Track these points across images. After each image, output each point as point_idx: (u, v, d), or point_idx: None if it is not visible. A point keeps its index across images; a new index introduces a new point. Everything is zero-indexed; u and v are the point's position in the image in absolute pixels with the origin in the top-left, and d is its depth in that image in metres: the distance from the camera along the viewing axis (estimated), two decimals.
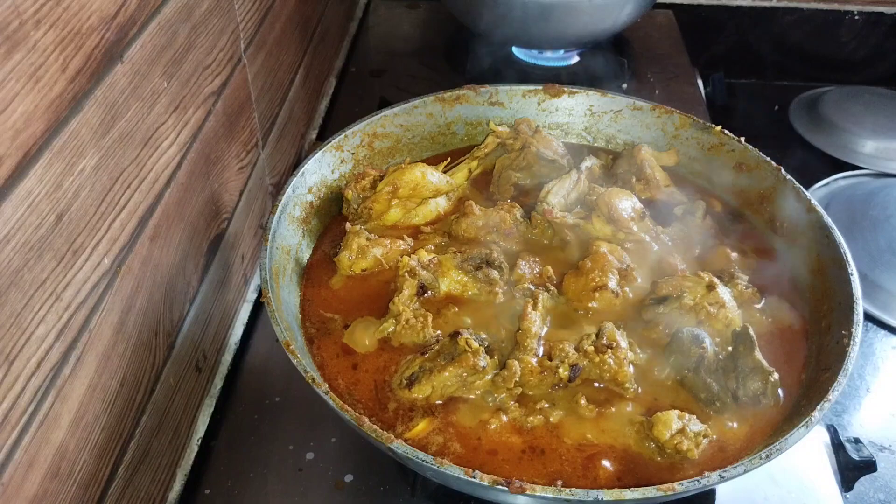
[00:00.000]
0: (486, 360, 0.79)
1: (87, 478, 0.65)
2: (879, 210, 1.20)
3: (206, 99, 0.86)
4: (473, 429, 0.76)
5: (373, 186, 0.99)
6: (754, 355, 0.80)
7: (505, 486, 0.63)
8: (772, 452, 0.67)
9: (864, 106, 1.43)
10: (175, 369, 0.83)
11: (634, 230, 0.96)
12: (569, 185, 1.00)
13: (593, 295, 0.86)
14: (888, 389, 1.00)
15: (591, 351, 0.79)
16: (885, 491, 0.88)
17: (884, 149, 1.34)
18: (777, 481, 0.84)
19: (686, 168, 1.08)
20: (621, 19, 1.42)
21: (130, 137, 0.68)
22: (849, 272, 0.84)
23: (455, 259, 0.90)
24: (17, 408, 0.54)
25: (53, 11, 0.54)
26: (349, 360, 0.83)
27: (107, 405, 0.68)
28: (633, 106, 1.11)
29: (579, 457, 0.75)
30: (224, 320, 0.99)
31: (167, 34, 0.74)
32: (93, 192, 0.62)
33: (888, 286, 1.09)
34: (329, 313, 0.88)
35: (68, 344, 0.60)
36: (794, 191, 0.95)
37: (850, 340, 0.77)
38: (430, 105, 1.09)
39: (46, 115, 0.55)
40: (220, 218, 0.94)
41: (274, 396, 0.93)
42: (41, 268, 0.56)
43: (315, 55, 1.38)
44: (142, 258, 0.73)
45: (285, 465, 0.86)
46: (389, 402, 0.79)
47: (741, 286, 0.89)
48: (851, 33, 1.72)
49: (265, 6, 1.06)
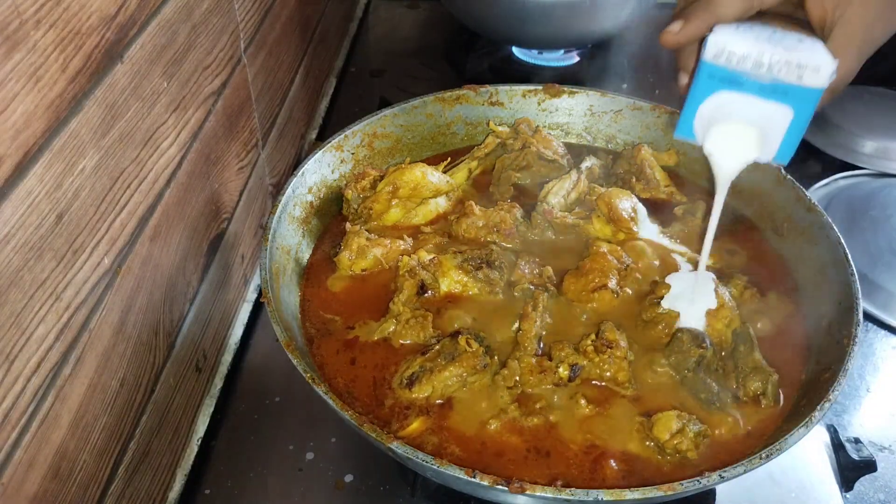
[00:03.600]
0: (486, 360, 0.79)
1: (87, 478, 0.65)
2: (879, 210, 1.20)
3: (206, 99, 0.86)
4: (472, 429, 0.76)
5: (373, 186, 0.99)
6: (754, 355, 0.80)
7: (505, 486, 0.63)
8: (772, 452, 0.67)
9: (864, 106, 1.43)
10: (175, 369, 0.83)
11: (634, 230, 0.96)
12: (569, 185, 1.00)
13: (593, 295, 0.87)
14: (888, 389, 1.00)
15: (591, 351, 0.80)
16: (885, 491, 0.88)
17: (884, 149, 1.34)
18: (777, 481, 0.84)
19: (686, 168, 1.09)
20: (621, 19, 1.42)
21: (130, 137, 0.68)
22: (849, 272, 0.84)
23: (455, 259, 0.90)
24: (17, 408, 0.54)
25: (53, 11, 0.54)
26: (347, 355, 0.83)
27: (107, 405, 0.68)
28: (633, 106, 1.11)
29: (579, 457, 0.75)
30: (224, 320, 0.99)
31: (167, 34, 0.74)
32: (93, 192, 0.62)
33: (888, 286, 1.09)
34: (329, 313, 0.88)
35: (68, 344, 0.60)
36: (793, 191, 0.95)
37: (850, 340, 0.77)
38: (430, 105, 1.09)
39: (46, 115, 0.55)
40: (220, 218, 0.94)
41: (274, 396, 0.93)
42: (41, 268, 0.56)
43: (315, 55, 1.38)
44: (142, 258, 0.73)
45: (285, 465, 0.86)
46: (387, 398, 0.79)
47: (741, 286, 0.89)
48: None
49: (265, 6, 1.06)
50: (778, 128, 0.70)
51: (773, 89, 0.68)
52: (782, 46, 0.68)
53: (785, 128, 0.70)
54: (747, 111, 0.70)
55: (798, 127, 0.70)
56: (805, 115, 0.69)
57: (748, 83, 0.69)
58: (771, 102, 0.69)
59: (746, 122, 0.71)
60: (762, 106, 0.70)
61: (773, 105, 0.69)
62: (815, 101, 0.68)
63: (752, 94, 0.69)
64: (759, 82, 0.68)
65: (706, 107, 0.72)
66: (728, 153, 0.74)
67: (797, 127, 0.70)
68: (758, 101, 0.70)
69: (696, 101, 0.72)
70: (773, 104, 0.69)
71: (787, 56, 0.67)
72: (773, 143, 0.72)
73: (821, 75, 0.67)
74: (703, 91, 0.71)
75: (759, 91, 0.69)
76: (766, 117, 0.70)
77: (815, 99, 0.68)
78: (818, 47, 0.68)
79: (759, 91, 0.69)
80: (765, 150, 0.72)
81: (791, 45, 0.68)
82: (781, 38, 0.69)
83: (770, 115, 0.70)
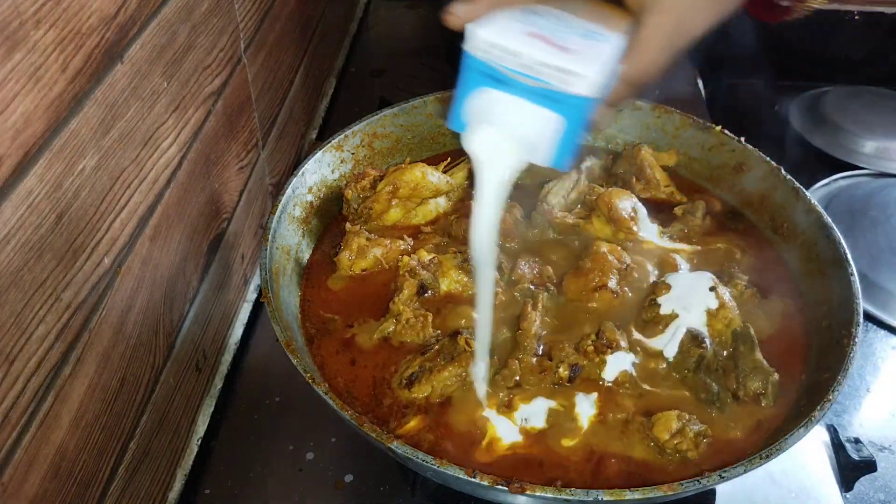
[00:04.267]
0: (486, 360, 0.79)
1: (87, 478, 0.65)
2: (879, 210, 1.20)
3: (206, 99, 0.86)
4: (471, 428, 0.76)
5: (373, 186, 0.99)
6: (754, 355, 0.80)
7: (505, 486, 0.63)
8: (772, 452, 0.67)
9: (864, 106, 1.43)
10: (175, 369, 0.83)
11: (634, 230, 0.96)
12: (569, 185, 1.00)
13: (593, 295, 0.87)
14: (888, 389, 1.00)
15: (591, 351, 0.80)
16: (885, 491, 0.88)
17: (884, 149, 1.34)
18: (777, 481, 0.84)
19: (686, 168, 1.08)
20: None
21: (130, 137, 0.68)
22: (849, 272, 0.84)
23: (455, 259, 0.90)
24: (17, 408, 0.54)
25: (53, 11, 0.54)
26: (347, 355, 0.83)
27: (107, 405, 0.68)
28: (633, 106, 1.11)
29: (579, 457, 0.75)
30: (224, 320, 0.99)
31: (167, 34, 0.74)
32: (93, 192, 0.62)
33: (888, 286, 1.09)
34: (329, 313, 0.88)
35: (68, 344, 0.60)
36: (793, 191, 0.95)
37: (850, 340, 0.77)
38: (430, 105, 1.09)
39: (46, 115, 0.55)
40: (220, 218, 0.94)
41: (274, 396, 0.93)
42: (41, 268, 0.56)
43: (315, 55, 1.38)
44: (142, 258, 0.73)
45: (285, 465, 0.86)
46: (385, 398, 0.79)
47: (741, 286, 0.89)
48: (851, 33, 1.72)
49: (265, 6, 1.06)
50: (548, 133, 0.62)
51: (542, 93, 0.60)
52: (558, 44, 0.60)
53: (557, 134, 0.62)
54: (514, 114, 0.62)
55: (571, 133, 0.62)
56: (577, 122, 0.61)
57: (515, 83, 0.60)
58: (538, 107, 0.61)
59: (512, 125, 0.63)
60: (530, 109, 0.61)
61: (541, 110, 0.61)
62: (584, 108, 0.60)
63: (519, 96, 0.61)
64: (526, 84, 0.60)
65: (473, 102, 0.63)
66: (492, 158, 0.66)
67: (571, 133, 0.62)
68: (525, 103, 0.61)
69: (462, 93, 0.64)
70: (542, 109, 0.61)
71: (553, 59, 0.59)
72: (545, 147, 0.63)
73: (588, 83, 0.59)
74: (469, 84, 0.63)
75: (526, 93, 0.61)
76: (535, 121, 0.62)
77: (585, 107, 0.60)
78: (602, 48, 0.61)
79: (526, 93, 0.61)
80: (536, 154, 0.64)
81: (574, 41, 0.60)
82: (567, 32, 0.61)
83: (539, 120, 0.61)
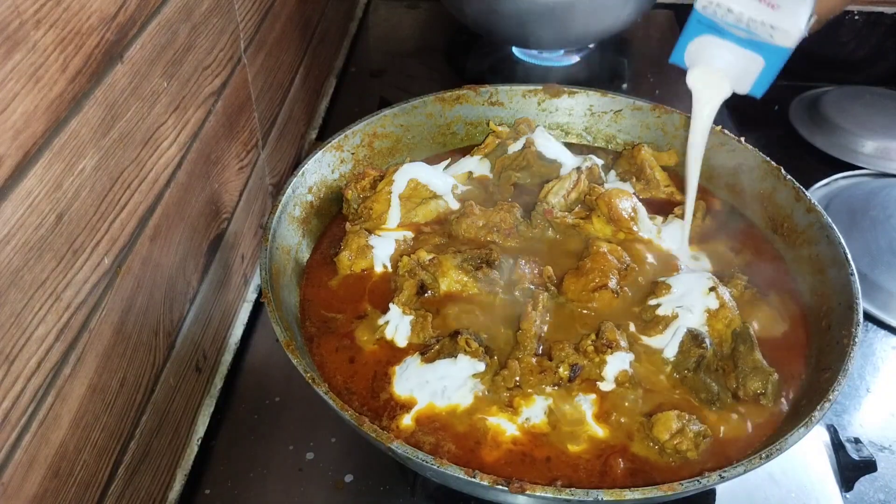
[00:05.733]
0: (486, 360, 0.79)
1: (87, 478, 0.65)
2: (879, 210, 1.20)
3: (206, 99, 0.86)
4: (471, 428, 0.76)
5: (373, 186, 0.99)
6: (754, 355, 0.80)
7: (505, 486, 0.63)
8: (772, 452, 0.67)
9: (864, 106, 1.43)
10: (175, 369, 0.83)
11: (634, 230, 0.96)
12: (569, 185, 1.00)
13: (593, 295, 0.87)
14: (888, 389, 1.00)
15: (591, 351, 0.80)
16: (885, 491, 0.88)
17: (884, 149, 1.34)
18: (777, 481, 0.84)
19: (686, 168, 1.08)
20: (621, 19, 1.42)
21: (130, 137, 0.68)
22: (849, 272, 0.84)
23: (455, 259, 0.90)
24: (17, 408, 0.54)
25: (53, 11, 0.54)
26: (346, 354, 0.83)
27: (107, 405, 0.68)
28: (633, 106, 1.11)
29: (579, 457, 0.75)
30: (224, 320, 0.99)
31: (167, 34, 0.74)
32: (93, 192, 0.62)
33: (888, 286, 1.09)
34: (329, 312, 0.88)
35: (68, 344, 0.60)
36: (793, 191, 0.95)
37: (850, 340, 0.77)
38: (430, 105, 1.09)
39: (46, 115, 0.55)
40: (220, 218, 0.94)
41: (274, 396, 0.93)
42: (41, 268, 0.56)
43: (315, 55, 1.38)
44: (142, 258, 0.73)
45: (285, 465, 0.86)
46: (382, 392, 0.79)
47: (741, 286, 0.89)
48: (851, 33, 1.72)
49: (265, 6, 1.06)
50: (752, 70, 0.82)
51: (750, 42, 0.81)
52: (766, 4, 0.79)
53: (758, 72, 0.82)
54: (726, 54, 0.83)
55: (770, 72, 0.82)
56: (776, 65, 0.81)
57: (729, 33, 0.82)
58: (747, 51, 0.81)
59: (725, 64, 0.84)
60: (739, 52, 0.82)
61: (748, 53, 0.82)
62: (784, 56, 0.80)
63: (731, 42, 0.82)
64: (737, 34, 0.81)
65: (694, 45, 0.85)
66: (706, 88, 0.87)
67: (769, 72, 0.82)
68: (736, 47, 0.82)
69: (686, 38, 0.85)
70: (749, 52, 0.81)
71: (763, 17, 0.78)
72: (748, 82, 0.84)
73: (789, 37, 0.78)
74: (692, 32, 0.85)
75: (737, 41, 0.82)
76: (742, 60, 0.82)
77: (785, 55, 0.80)
78: (801, 10, 0.78)
79: (737, 41, 0.82)
80: (739, 87, 0.85)
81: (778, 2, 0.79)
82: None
83: (746, 59, 0.82)
